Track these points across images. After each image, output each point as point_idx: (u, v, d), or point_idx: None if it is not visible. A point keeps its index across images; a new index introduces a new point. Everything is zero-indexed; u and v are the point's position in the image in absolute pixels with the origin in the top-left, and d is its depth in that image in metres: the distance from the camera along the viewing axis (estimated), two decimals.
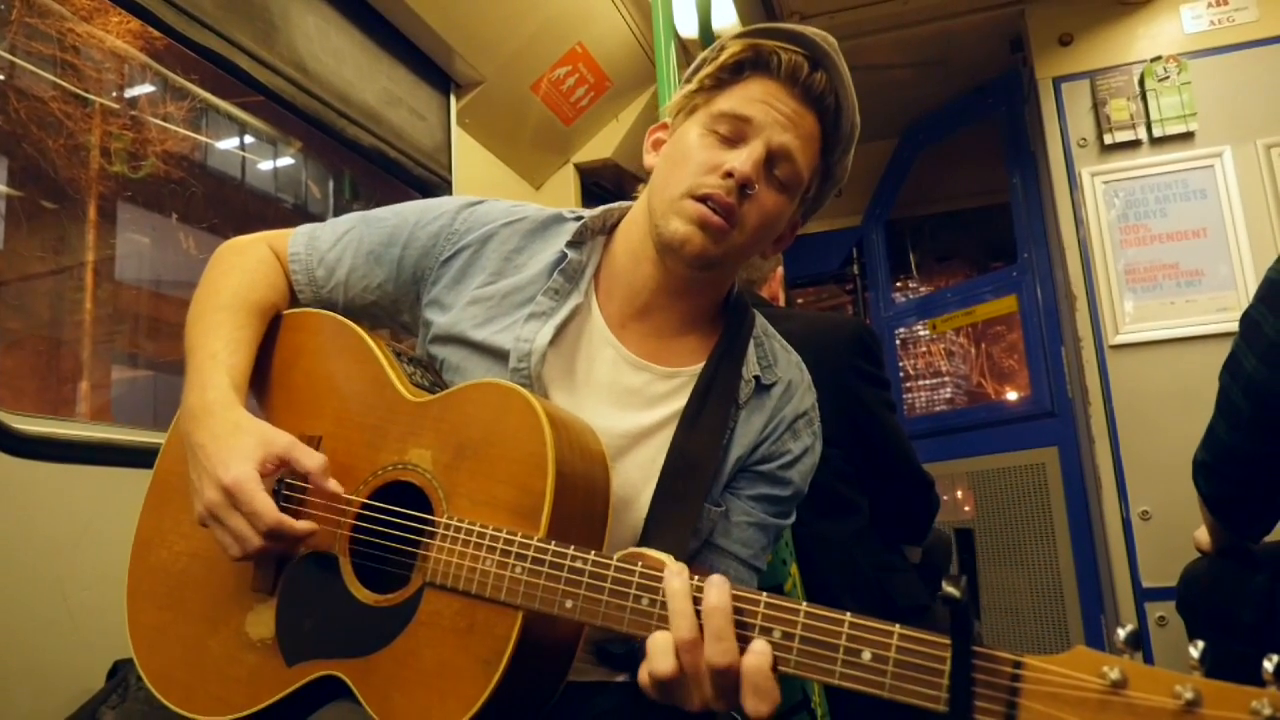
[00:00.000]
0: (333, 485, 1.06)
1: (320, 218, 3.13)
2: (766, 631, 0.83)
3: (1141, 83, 3.36)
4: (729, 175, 1.11)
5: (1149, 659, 3.03)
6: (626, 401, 1.19)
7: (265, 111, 2.90)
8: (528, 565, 0.94)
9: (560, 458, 0.99)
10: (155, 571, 1.16)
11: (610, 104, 3.67)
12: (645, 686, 0.88)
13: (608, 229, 1.28)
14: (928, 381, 4.62)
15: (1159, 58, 3.34)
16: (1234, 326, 1.68)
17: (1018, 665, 0.71)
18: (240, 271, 1.24)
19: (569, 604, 0.92)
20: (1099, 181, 3.36)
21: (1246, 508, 1.73)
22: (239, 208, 3.08)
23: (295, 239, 1.31)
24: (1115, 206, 3.34)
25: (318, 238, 1.30)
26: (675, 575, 0.87)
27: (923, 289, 5.03)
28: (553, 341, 1.17)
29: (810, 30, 1.18)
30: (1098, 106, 3.41)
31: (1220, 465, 1.71)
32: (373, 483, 1.09)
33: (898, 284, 4.95)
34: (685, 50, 3.31)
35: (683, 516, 1.14)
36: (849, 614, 0.80)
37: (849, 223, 4.83)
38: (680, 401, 1.20)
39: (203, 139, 2.91)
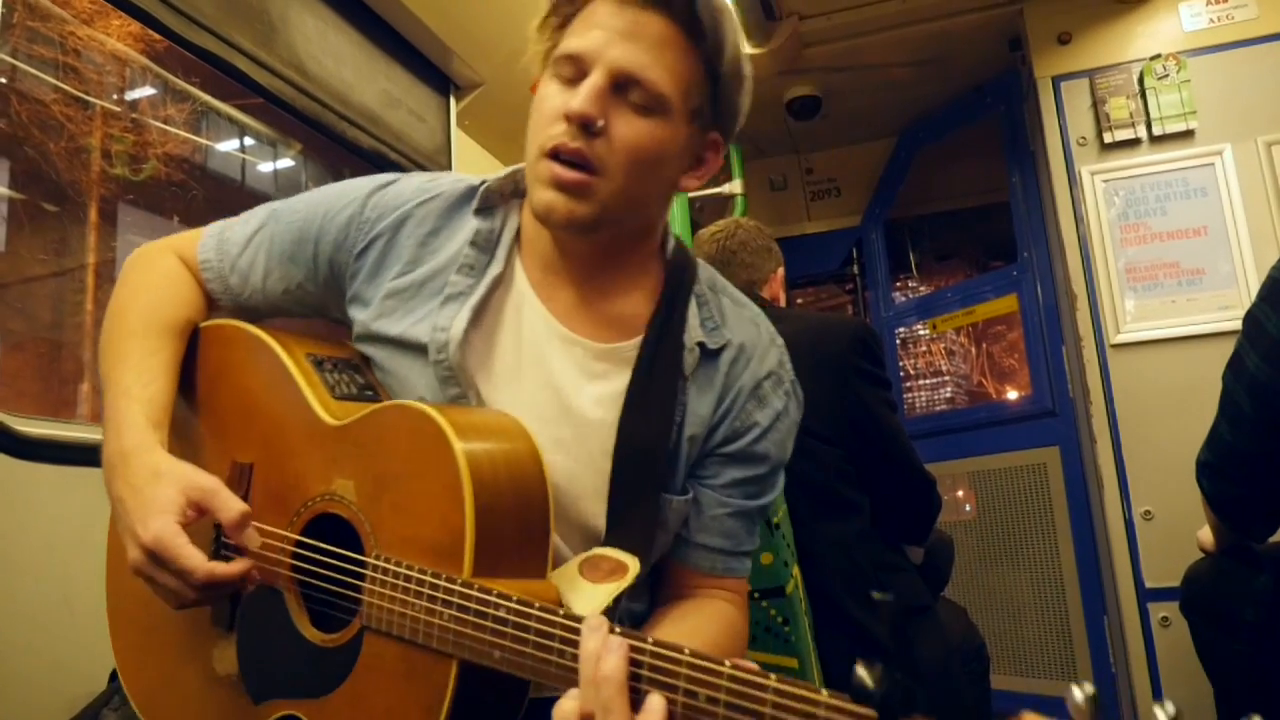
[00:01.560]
0: (250, 538, 0.97)
1: None
2: (690, 695, 0.72)
3: (1141, 81, 3.36)
4: (568, 119, 0.99)
5: (1152, 661, 3.02)
6: (562, 382, 1.09)
7: (265, 113, 2.90)
8: (453, 612, 0.87)
9: (479, 485, 0.92)
10: (130, 594, 1.14)
11: None
12: None
13: (520, 191, 1.16)
14: (928, 381, 4.62)
15: (1158, 56, 3.34)
16: (1236, 325, 1.68)
17: None
18: (147, 290, 1.16)
19: (497, 654, 0.85)
20: (1099, 180, 3.36)
21: (1250, 508, 1.73)
22: (239, 209, 3.08)
23: (204, 244, 1.21)
24: (1115, 205, 3.34)
25: (228, 240, 1.20)
26: (592, 632, 0.77)
27: (922, 288, 5.03)
28: (474, 323, 1.08)
29: None
30: (1097, 105, 3.41)
31: (1224, 465, 1.71)
32: (305, 515, 1.03)
33: (897, 283, 4.95)
34: None
35: (642, 512, 1.06)
36: (774, 677, 0.69)
37: (848, 222, 4.83)
38: (622, 379, 1.09)
39: (203, 141, 2.91)
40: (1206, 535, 2.03)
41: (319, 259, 1.15)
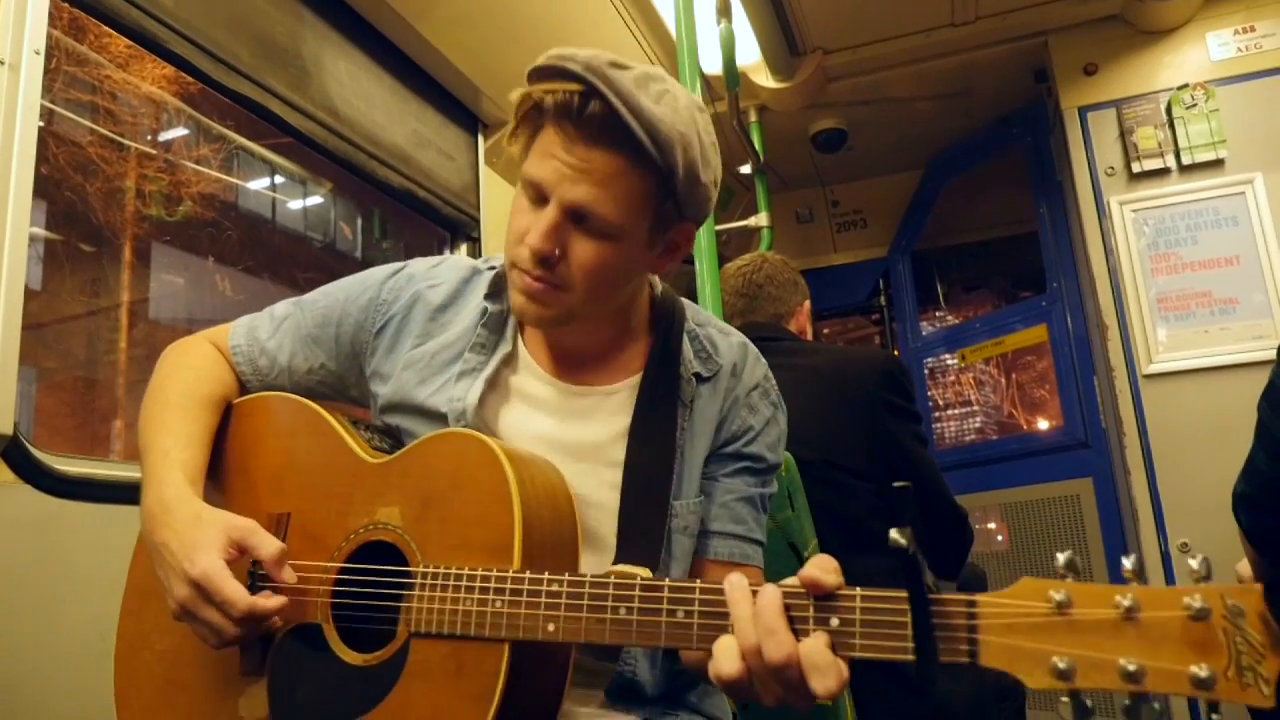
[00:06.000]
0: (288, 574, 1.05)
1: (349, 255, 3.15)
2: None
3: (1169, 110, 3.35)
4: (529, 249, 1.07)
5: (1193, 699, 2.96)
6: (575, 431, 1.20)
7: (295, 152, 2.94)
8: (506, 597, 0.95)
9: (524, 489, 1.01)
10: (141, 676, 1.17)
11: None
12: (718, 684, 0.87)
13: None
14: (957, 411, 4.58)
15: (1185, 85, 3.33)
16: (1271, 355, 1.66)
17: (971, 604, 0.77)
18: (185, 369, 1.27)
19: (551, 627, 0.93)
20: (1128, 210, 3.34)
21: None
22: (271, 248, 3.12)
23: (235, 332, 1.34)
24: (1145, 235, 3.32)
25: (257, 328, 1.33)
26: (735, 586, 0.87)
27: (950, 319, 5.00)
28: (488, 393, 1.19)
29: (576, 54, 1.04)
30: (1125, 135, 3.40)
31: (1261, 497, 1.68)
32: (347, 548, 1.09)
33: (925, 314, 4.93)
34: (709, 87, 3.34)
35: (648, 527, 1.14)
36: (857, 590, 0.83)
37: (875, 254, 4.83)
38: (628, 416, 1.19)
39: (235, 181, 2.96)
40: (1246, 569, 1.99)
41: (340, 339, 1.28)
